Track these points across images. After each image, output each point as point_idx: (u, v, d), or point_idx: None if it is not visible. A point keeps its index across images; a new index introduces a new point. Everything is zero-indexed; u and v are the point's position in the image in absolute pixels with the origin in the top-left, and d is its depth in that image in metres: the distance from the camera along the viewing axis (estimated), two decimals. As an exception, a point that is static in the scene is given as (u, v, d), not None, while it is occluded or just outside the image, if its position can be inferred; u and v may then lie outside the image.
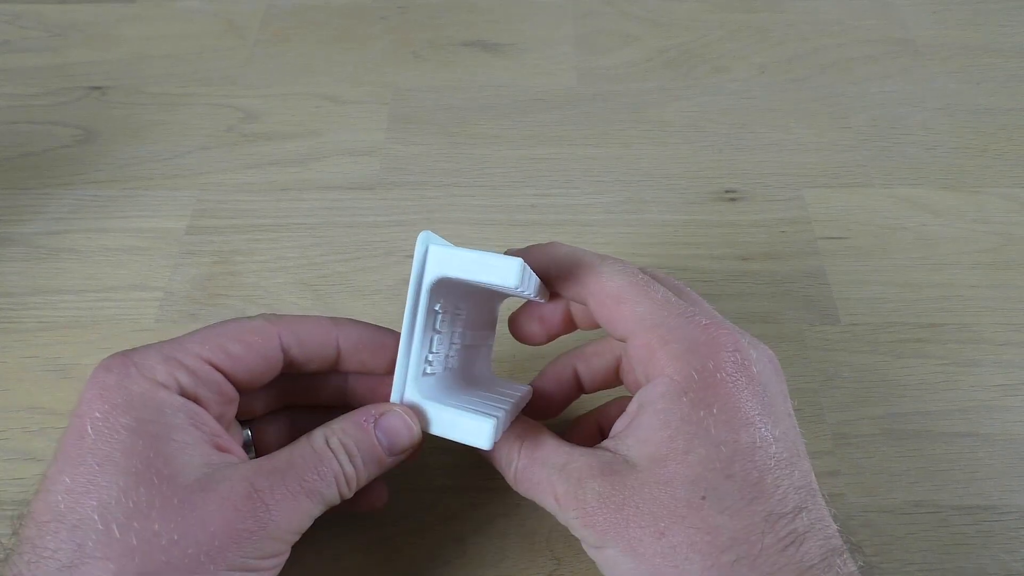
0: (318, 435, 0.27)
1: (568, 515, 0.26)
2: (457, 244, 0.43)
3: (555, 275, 0.30)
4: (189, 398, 0.26)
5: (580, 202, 0.46)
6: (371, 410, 0.28)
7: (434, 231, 0.44)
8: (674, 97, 0.52)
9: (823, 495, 0.26)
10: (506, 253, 0.30)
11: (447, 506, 0.35)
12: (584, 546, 0.27)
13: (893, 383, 0.38)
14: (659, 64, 0.55)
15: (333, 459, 0.27)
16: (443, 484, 0.36)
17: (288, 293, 0.42)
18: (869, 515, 0.35)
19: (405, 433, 0.28)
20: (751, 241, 0.44)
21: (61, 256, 0.44)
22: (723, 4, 0.59)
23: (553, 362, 0.33)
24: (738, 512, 0.24)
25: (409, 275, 0.28)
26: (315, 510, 0.26)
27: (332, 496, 0.27)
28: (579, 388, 0.33)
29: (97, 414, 0.25)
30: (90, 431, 0.25)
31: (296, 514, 0.26)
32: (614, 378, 0.33)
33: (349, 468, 0.27)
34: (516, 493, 0.29)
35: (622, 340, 0.29)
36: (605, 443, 0.28)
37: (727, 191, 0.47)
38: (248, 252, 0.44)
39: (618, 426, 0.28)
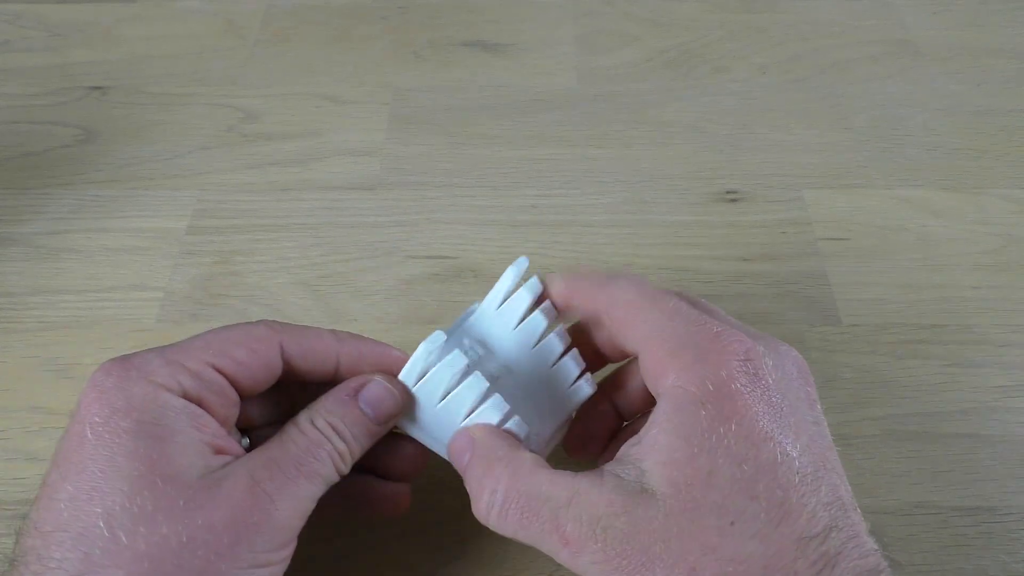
0: (303, 418, 0.27)
1: (581, 559, 0.24)
2: (457, 246, 0.43)
3: (572, 292, 0.30)
4: (192, 401, 0.26)
5: (581, 203, 0.46)
6: (351, 383, 0.28)
7: (434, 231, 0.44)
8: (675, 97, 0.52)
9: (857, 508, 0.25)
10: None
11: (447, 506, 0.35)
12: None
13: (894, 384, 0.38)
14: (659, 64, 0.55)
15: (323, 439, 0.27)
16: (443, 484, 0.36)
17: (289, 293, 0.42)
18: (870, 516, 0.34)
19: (388, 399, 0.28)
20: (752, 242, 0.44)
21: (61, 256, 0.44)
22: (723, 4, 0.59)
23: (625, 365, 0.32)
24: (767, 537, 0.23)
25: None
26: (316, 491, 0.26)
27: (330, 475, 0.27)
28: (618, 417, 0.32)
29: (96, 418, 0.25)
30: (90, 436, 0.24)
31: (299, 499, 0.26)
32: (650, 398, 0.31)
33: (341, 445, 0.27)
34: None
35: (635, 355, 0.28)
36: (615, 467, 0.26)
37: (728, 192, 0.47)
38: (248, 252, 0.44)
39: (630, 446, 0.26)
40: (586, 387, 0.31)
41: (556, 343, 0.31)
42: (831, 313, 0.41)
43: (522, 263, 0.30)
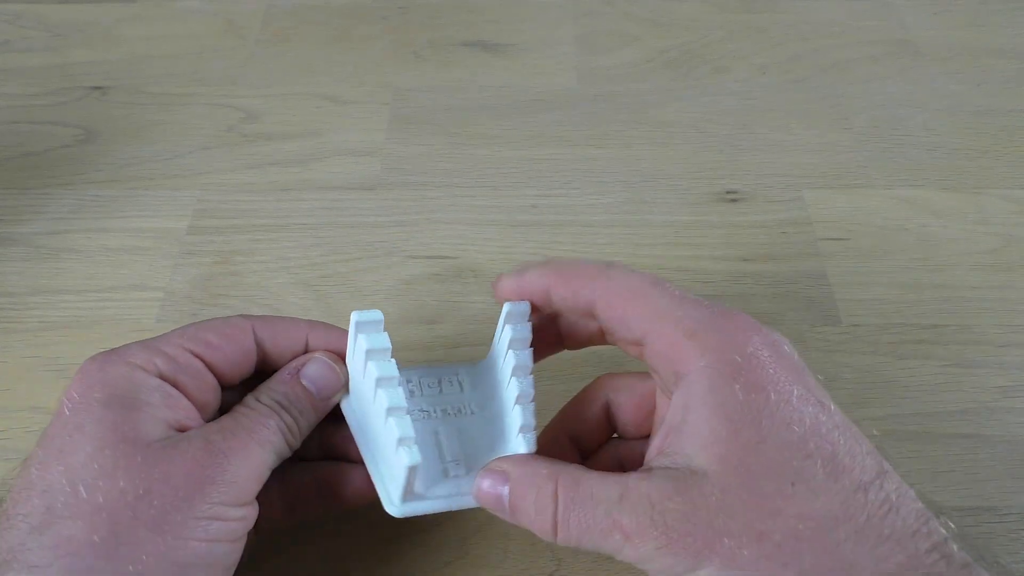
0: (250, 398, 0.29)
1: (645, 547, 0.24)
2: (457, 246, 0.43)
3: (556, 282, 0.29)
4: (167, 381, 0.28)
5: (581, 203, 0.46)
6: (295, 362, 0.30)
7: (434, 231, 0.44)
8: (675, 97, 0.52)
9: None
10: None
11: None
12: None
13: (894, 384, 0.38)
14: (659, 64, 0.55)
15: (271, 412, 0.28)
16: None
17: (289, 293, 0.42)
18: (870, 516, 0.34)
19: (330, 375, 0.30)
20: (752, 242, 0.44)
21: (61, 256, 0.44)
22: (723, 4, 0.59)
23: (580, 394, 0.32)
24: (829, 490, 0.24)
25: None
26: (268, 459, 0.27)
27: (281, 445, 0.28)
28: (610, 424, 0.31)
29: (75, 394, 0.26)
30: (67, 410, 0.26)
31: (253, 461, 0.27)
32: (648, 418, 0.30)
33: (287, 418, 0.28)
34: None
35: (636, 342, 0.27)
36: (655, 460, 0.26)
37: (728, 192, 0.47)
38: (249, 252, 0.44)
39: (667, 436, 0.26)
40: (522, 446, 0.29)
41: (512, 394, 0.29)
42: (831, 313, 0.41)
43: (519, 306, 0.29)
